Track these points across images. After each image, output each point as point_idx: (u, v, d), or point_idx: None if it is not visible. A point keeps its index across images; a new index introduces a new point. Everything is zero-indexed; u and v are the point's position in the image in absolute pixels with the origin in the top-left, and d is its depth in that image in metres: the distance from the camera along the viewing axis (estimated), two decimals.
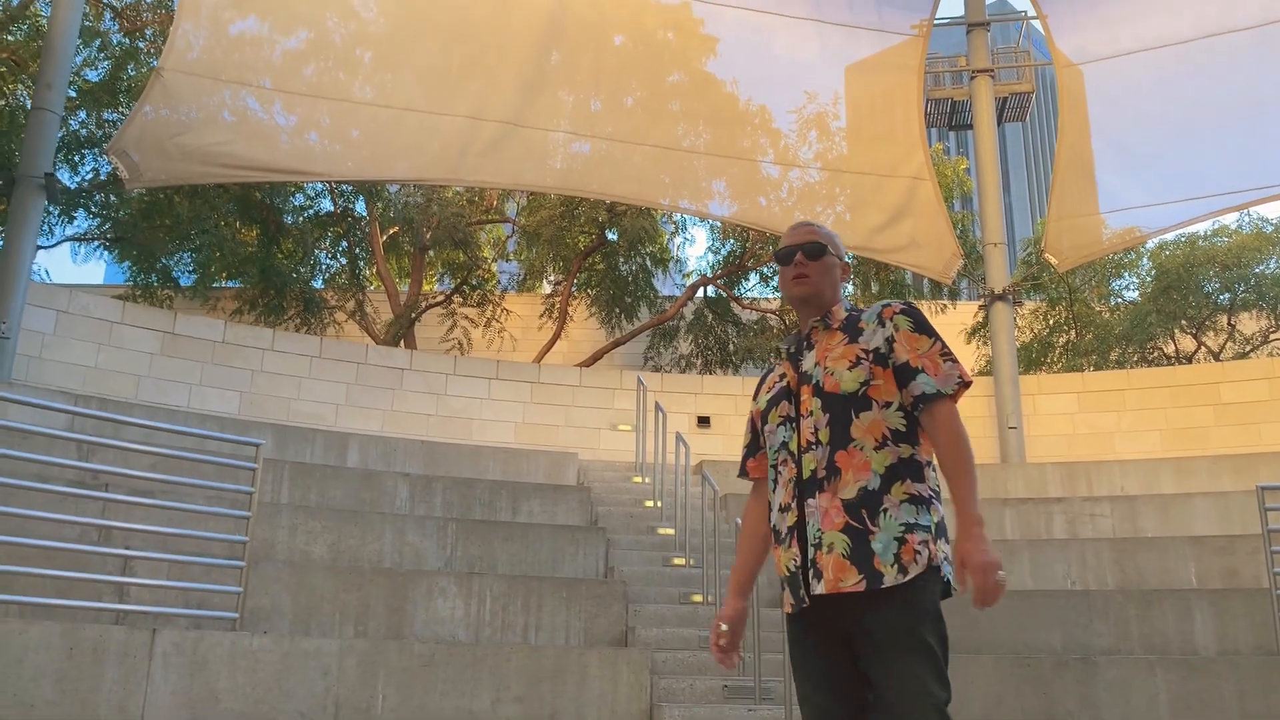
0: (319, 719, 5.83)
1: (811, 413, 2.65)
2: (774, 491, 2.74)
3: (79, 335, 11.13)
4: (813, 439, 2.62)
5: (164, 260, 17.09)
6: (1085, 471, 12.18)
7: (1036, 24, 15.62)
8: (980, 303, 17.23)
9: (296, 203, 19.16)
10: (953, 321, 21.04)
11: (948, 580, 2.58)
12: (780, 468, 2.72)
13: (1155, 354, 20.60)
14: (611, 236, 20.17)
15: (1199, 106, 14.35)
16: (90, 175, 16.55)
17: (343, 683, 5.92)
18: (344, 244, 20.32)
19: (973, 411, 14.18)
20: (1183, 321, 20.37)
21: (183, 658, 5.60)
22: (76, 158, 16.21)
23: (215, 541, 6.63)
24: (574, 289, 21.17)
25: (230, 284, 18.71)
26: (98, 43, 16.73)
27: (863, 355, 2.66)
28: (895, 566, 2.49)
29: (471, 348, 20.05)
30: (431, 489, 9.46)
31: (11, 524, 6.03)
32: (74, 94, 15.63)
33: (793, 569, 2.62)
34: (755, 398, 2.97)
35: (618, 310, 20.57)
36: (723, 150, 15.06)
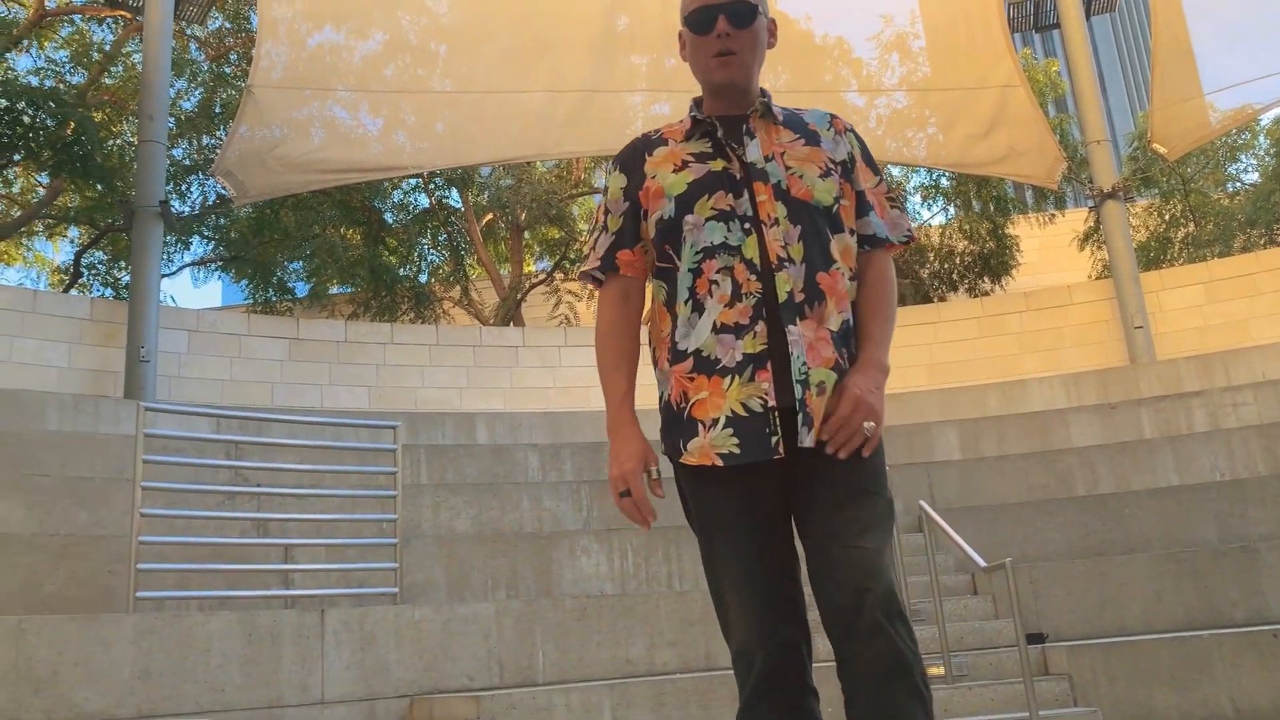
0: (485, 679, 6.07)
1: (778, 220, 2.11)
2: (695, 305, 2.12)
3: (211, 351, 11.68)
4: (784, 255, 2.09)
5: (278, 274, 17.73)
6: (1221, 362, 11.76)
7: None
8: (1090, 207, 16.67)
9: (395, 200, 19.64)
10: (1062, 231, 20.40)
11: None
12: (718, 277, 2.10)
13: None
14: None
15: None
16: (199, 201, 17.26)
17: (503, 643, 6.14)
18: (444, 236, 20.74)
19: (1095, 315, 13.79)
20: None
21: (352, 634, 5.89)
22: (184, 186, 16.91)
23: (367, 524, 6.93)
24: None
25: (343, 290, 19.31)
26: (188, 73, 17.35)
27: (831, 165, 2.20)
28: None
29: (579, 321, 20.29)
30: (560, 456, 9.68)
31: (179, 526, 6.42)
32: (173, 124, 16.28)
33: (758, 408, 2.04)
34: (640, 171, 2.26)
35: None
36: (804, 86, 14.85)
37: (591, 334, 13.86)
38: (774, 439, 2.03)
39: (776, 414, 2.03)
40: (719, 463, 2.06)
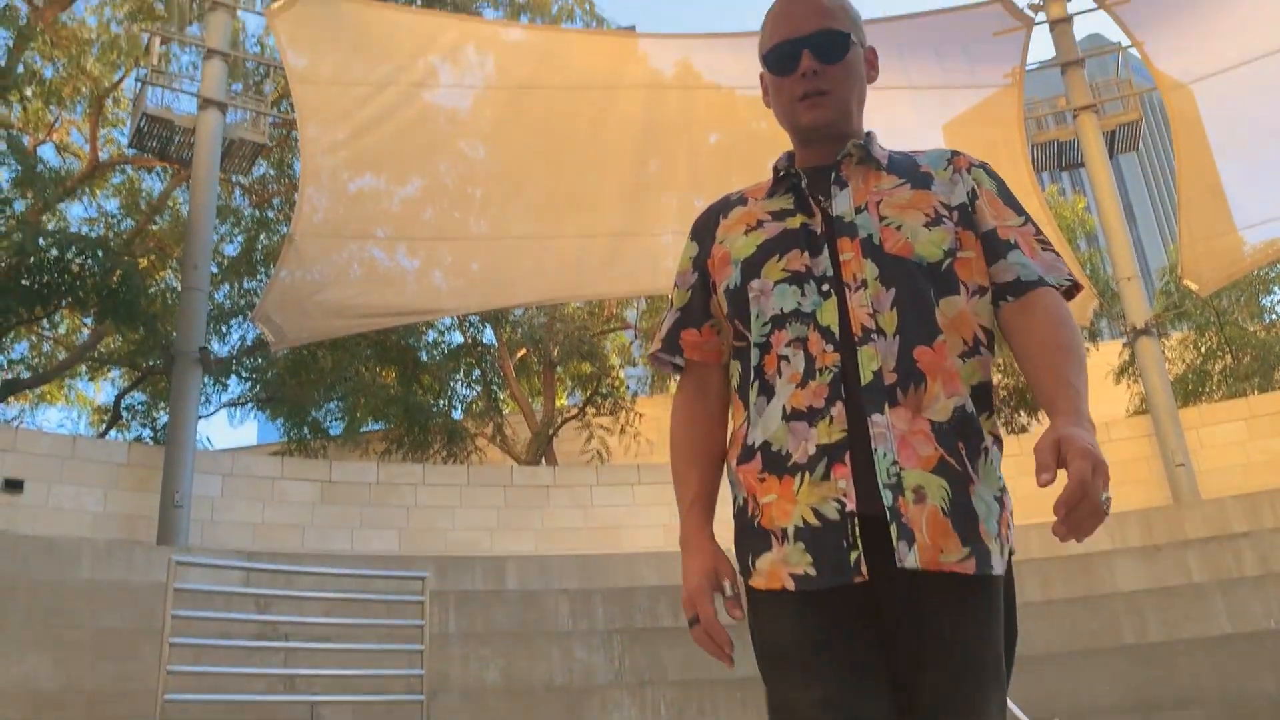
0: None
1: (865, 283, 1.70)
2: (763, 388, 1.73)
3: (244, 495, 11.72)
4: (871, 324, 1.67)
5: (313, 413, 17.92)
6: (1269, 501, 11.47)
7: (1135, 51, 15.33)
8: (1124, 343, 16.61)
9: (429, 340, 19.95)
10: (1098, 364, 20.23)
11: None
12: (788, 351, 1.70)
13: None
14: None
15: None
16: (238, 342, 17.62)
17: None
18: (477, 372, 20.96)
19: (1135, 453, 13.57)
20: None
21: None
22: (224, 328, 17.28)
23: (394, 678, 6.80)
24: None
25: (376, 426, 19.46)
26: (231, 219, 17.93)
27: (943, 211, 1.76)
28: (998, 543, 1.63)
29: (610, 456, 20.26)
30: (591, 602, 9.51)
31: (206, 682, 6.32)
32: (215, 269, 16.74)
33: (833, 514, 1.60)
34: (712, 237, 1.90)
35: None
36: None
37: (622, 472, 13.83)
38: (853, 555, 1.58)
39: (856, 522, 1.59)
40: (790, 586, 1.61)
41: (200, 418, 13.67)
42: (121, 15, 17.59)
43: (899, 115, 15.30)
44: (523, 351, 21.32)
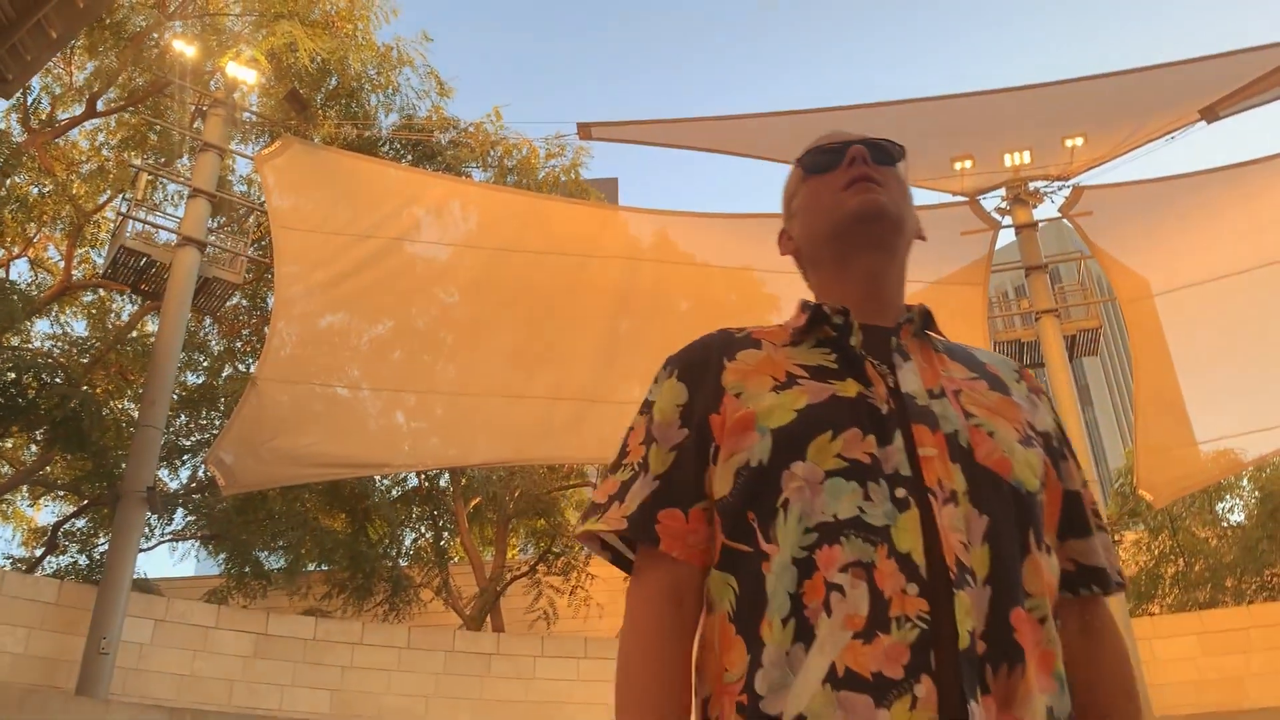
0: None
1: (954, 497, 1.18)
2: (798, 628, 1.13)
3: (175, 643, 11.27)
4: (966, 559, 1.14)
5: (256, 553, 17.47)
6: None
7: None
8: None
9: (382, 486, 19.66)
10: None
11: None
12: (843, 580, 1.14)
13: (1275, 580, 19.48)
14: None
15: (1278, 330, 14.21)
16: (189, 476, 17.27)
17: None
18: (429, 518, 20.62)
19: None
20: None
21: None
22: (176, 461, 16.96)
23: None
24: None
25: (319, 568, 18.97)
26: (197, 349, 17.82)
27: (1031, 432, 1.30)
28: None
29: (558, 617, 19.79)
30: None
31: None
32: (176, 397, 16.54)
33: None
34: (716, 383, 1.33)
35: None
36: None
37: (568, 644, 13.43)
38: None
39: None
40: None
41: (141, 550, 13.27)
42: (114, 142, 17.84)
43: None
44: (477, 500, 21.03)
